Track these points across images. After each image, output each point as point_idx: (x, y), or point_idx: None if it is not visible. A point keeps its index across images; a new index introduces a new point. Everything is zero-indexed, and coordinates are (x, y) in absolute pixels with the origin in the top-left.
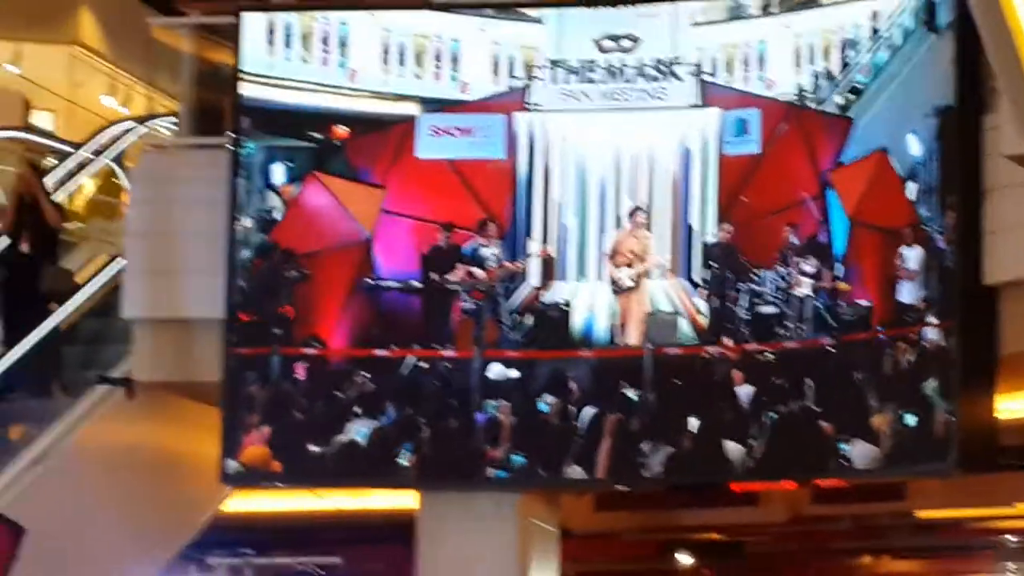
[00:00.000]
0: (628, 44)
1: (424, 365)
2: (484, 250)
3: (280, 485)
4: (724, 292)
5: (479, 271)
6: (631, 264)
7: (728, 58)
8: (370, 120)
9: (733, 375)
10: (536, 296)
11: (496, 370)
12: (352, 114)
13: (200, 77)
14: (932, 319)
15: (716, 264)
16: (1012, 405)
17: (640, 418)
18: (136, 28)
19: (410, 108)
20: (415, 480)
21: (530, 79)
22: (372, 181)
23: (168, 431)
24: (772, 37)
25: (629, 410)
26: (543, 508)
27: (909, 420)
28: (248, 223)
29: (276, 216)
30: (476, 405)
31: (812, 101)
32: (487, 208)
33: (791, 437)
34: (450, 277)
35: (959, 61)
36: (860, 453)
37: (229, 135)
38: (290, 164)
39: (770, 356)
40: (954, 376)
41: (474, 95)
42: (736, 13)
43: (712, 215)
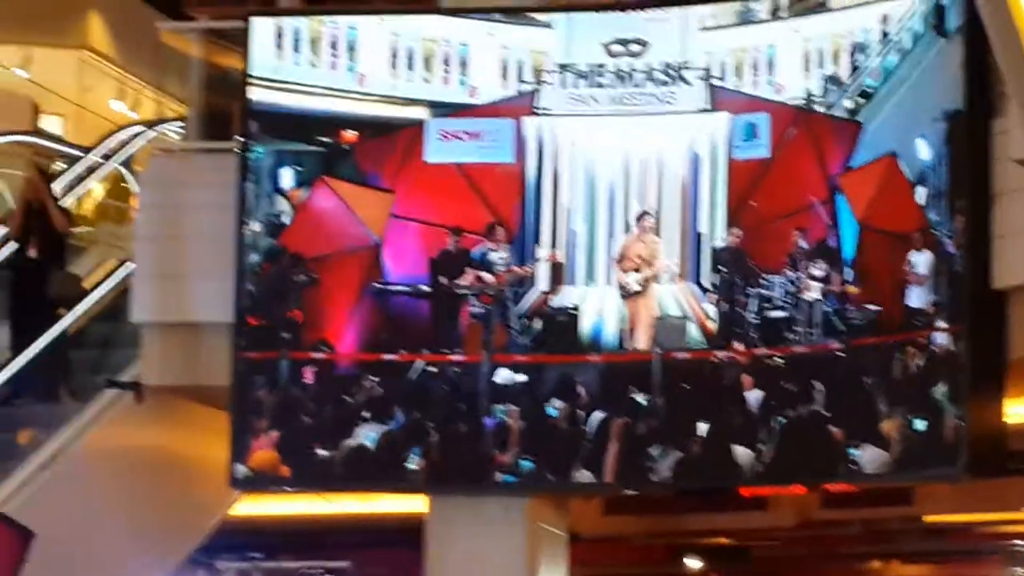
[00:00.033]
0: (637, 48)
1: (433, 369)
2: (493, 254)
3: (288, 490)
4: (733, 296)
5: (488, 275)
6: (638, 268)
7: (737, 62)
8: (379, 124)
9: (743, 380)
10: (545, 300)
11: (504, 374)
12: (361, 118)
13: (209, 81)
14: (941, 323)
15: (725, 268)
16: (1021, 409)
17: (649, 422)
18: (145, 32)
19: (419, 112)
20: (423, 485)
21: (539, 83)
22: (381, 185)
23: (176, 435)
24: (781, 41)
25: (637, 414)
26: (552, 512)
27: (918, 424)
28: (257, 227)
29: (285, 220)
30: (485, 409)
31: (821, 105)
32: (496, 212)
33: (800, 441)
34: (459, 281)
35: (968, 65)
36: (869, 458)
37: (238, 139)
38: (299, 168)
39: (779, 361)
40: (963, 380)
41: (483, 99)
42: (745, 17)
43: (721, 219)
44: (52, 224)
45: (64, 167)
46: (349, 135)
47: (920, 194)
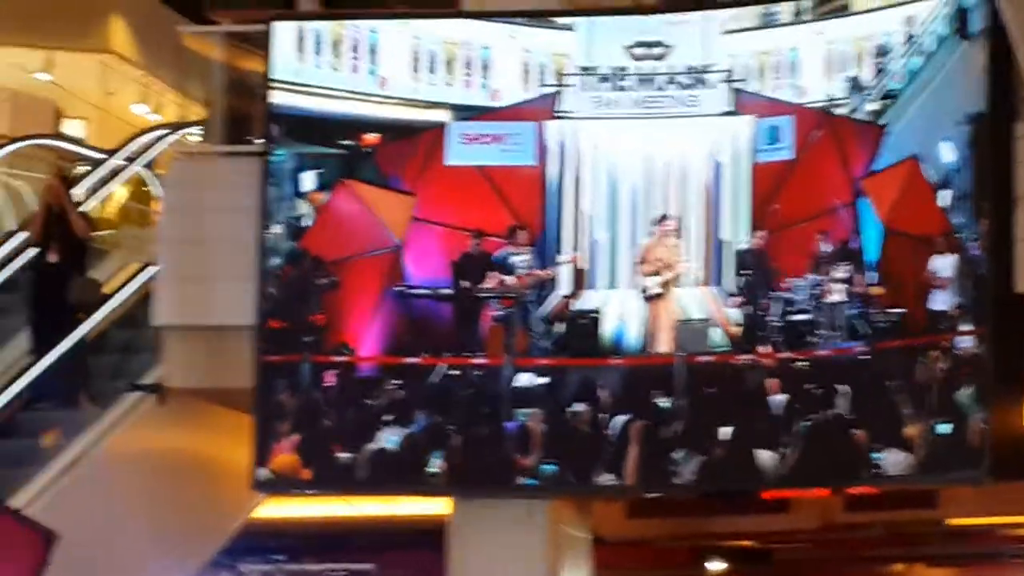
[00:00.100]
0: (659, 51)
1: (455, 373)
2: (514, 257)
3: (310, 493)
4: (756, 300)
5: (509, 278)
6: (659, 272)
7: (760, 65)
8: (400, 127)
9: (768, 384)
10: (566, 304)
11: (526, 378)
12: (382, 121)
13: (231, 85)
14: (965, 327)
15: (748, 272)
16: None
17: (671, 426)
18: (168, 36)
19: (440, 115)
20: (445, 488)
21: (561, 86)
22: (402, 188)
23: (198, 437)
24: (804, 44)
25: (660, 418)
26: (574, 515)
27: (942, 427)
28: (278, 230)
29: (306, 223)
30: (506, 413)
31: (844, 108)
32: (517, 215)
33: (824, 445)
34: (481, 284)
35: (991, 68)
36: (893, 461)
37: (260, 142)
38: (320, 171)
39: (803, 364)
40: (987, 383)
41: (505, 102)
42: (768, 20)
43: (744, 223)
44: (72, 229)
45: (87, 170)
46: (370, 138)
47: (943, 197)
